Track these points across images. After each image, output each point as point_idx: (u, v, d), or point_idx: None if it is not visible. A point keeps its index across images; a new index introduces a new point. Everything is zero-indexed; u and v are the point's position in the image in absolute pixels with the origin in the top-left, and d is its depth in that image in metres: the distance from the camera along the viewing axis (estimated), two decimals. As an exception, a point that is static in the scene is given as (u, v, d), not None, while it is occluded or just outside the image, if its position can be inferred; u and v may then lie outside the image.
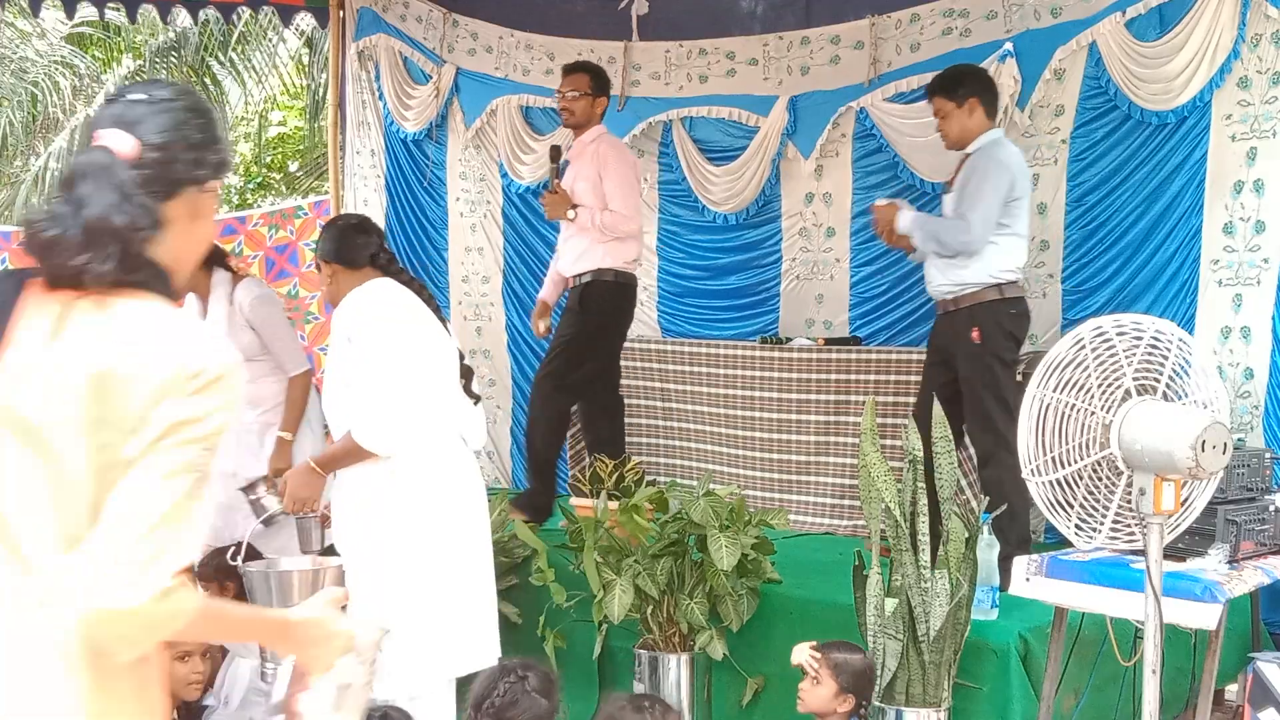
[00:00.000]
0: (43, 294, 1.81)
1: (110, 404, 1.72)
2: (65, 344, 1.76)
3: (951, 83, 4.85)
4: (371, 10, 7.91)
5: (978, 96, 4.79)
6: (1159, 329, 3.07)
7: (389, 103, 7.88)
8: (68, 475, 1.73)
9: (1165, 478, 2.95)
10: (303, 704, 1.95)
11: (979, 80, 4.91)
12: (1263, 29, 4.97)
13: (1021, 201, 4.77)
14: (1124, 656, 3.70)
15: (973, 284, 4.72)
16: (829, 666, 3.59)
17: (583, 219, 5.65)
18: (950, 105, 4.81)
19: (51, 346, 1.77)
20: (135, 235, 1.79)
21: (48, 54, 15.01)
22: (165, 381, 1.73)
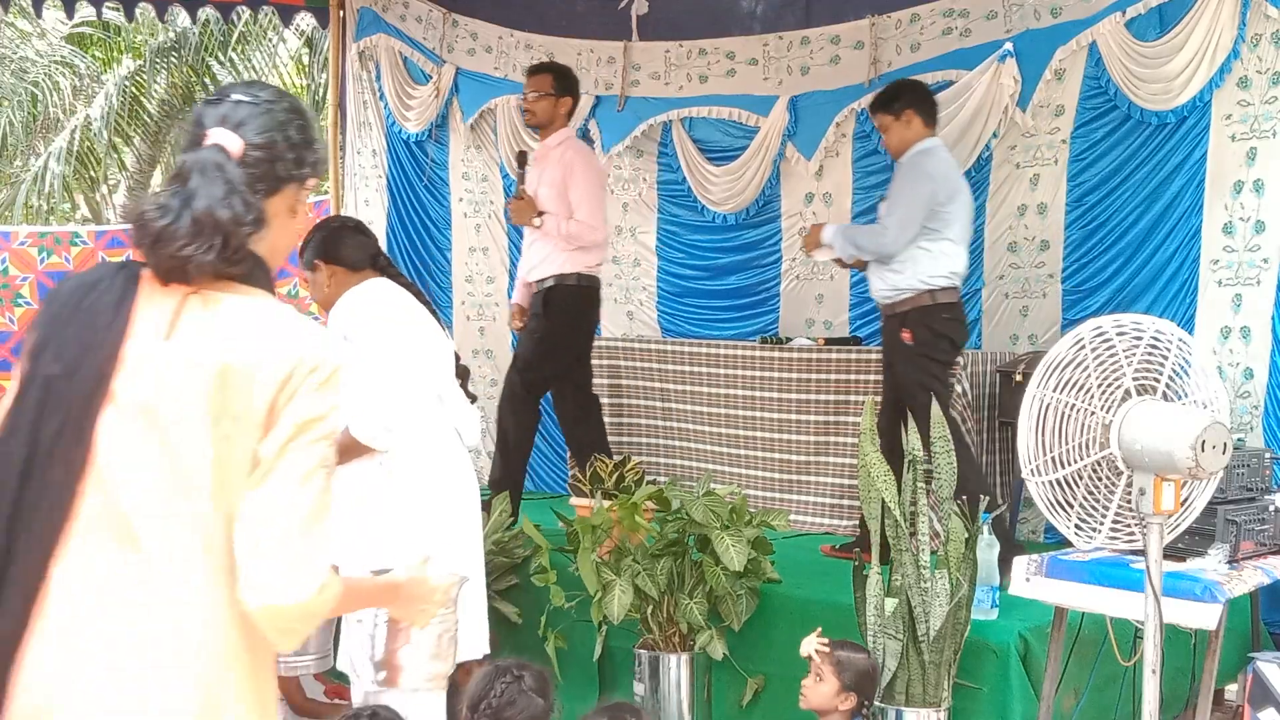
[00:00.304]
0: (156, 287, 1.87)
1: (231, 397, 1.80)
2: (183, 337, 1.83)
3: (888, 98, 5.03)
4: (372, 10, 7.91)
5: (914, 108, 4.94)
6: (1159, 329, 3.07)
7: (390, 103, 7.89)
8: (185, 464, 1.80)
9: (1165, 478, 2.95)
10: (403, 656, 2.07)
11: (915, 93, 5.06)
12: (1263, 29, 4.97)
13: (951, 208, 4.86)
14: (1124, 656, 3.70)
15: (906, 289, 4.86)
16: (832, 664, 3.59)
17: (549, 226, 5.57)
18: (889, 119, 4.98)
19: (169, 340, 1.83)
20: (239, 229, 1.86)
21: (48, 54, 15.01)
22: (286, 376, 1.81)
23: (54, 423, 1.80)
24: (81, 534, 1.80)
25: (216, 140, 1.89)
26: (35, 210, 14.42)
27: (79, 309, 1.84)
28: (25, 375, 1.83)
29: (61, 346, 1.82)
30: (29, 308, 7.79)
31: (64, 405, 1.80)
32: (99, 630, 1.78)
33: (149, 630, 1.79)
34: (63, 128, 14.51)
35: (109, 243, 8.01)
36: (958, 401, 5.23)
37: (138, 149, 15.35)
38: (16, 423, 1.81)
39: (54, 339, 1.83)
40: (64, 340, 1.83)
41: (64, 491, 1.79)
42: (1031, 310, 5.83)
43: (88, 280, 1.89)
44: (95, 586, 1.79)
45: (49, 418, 1.80)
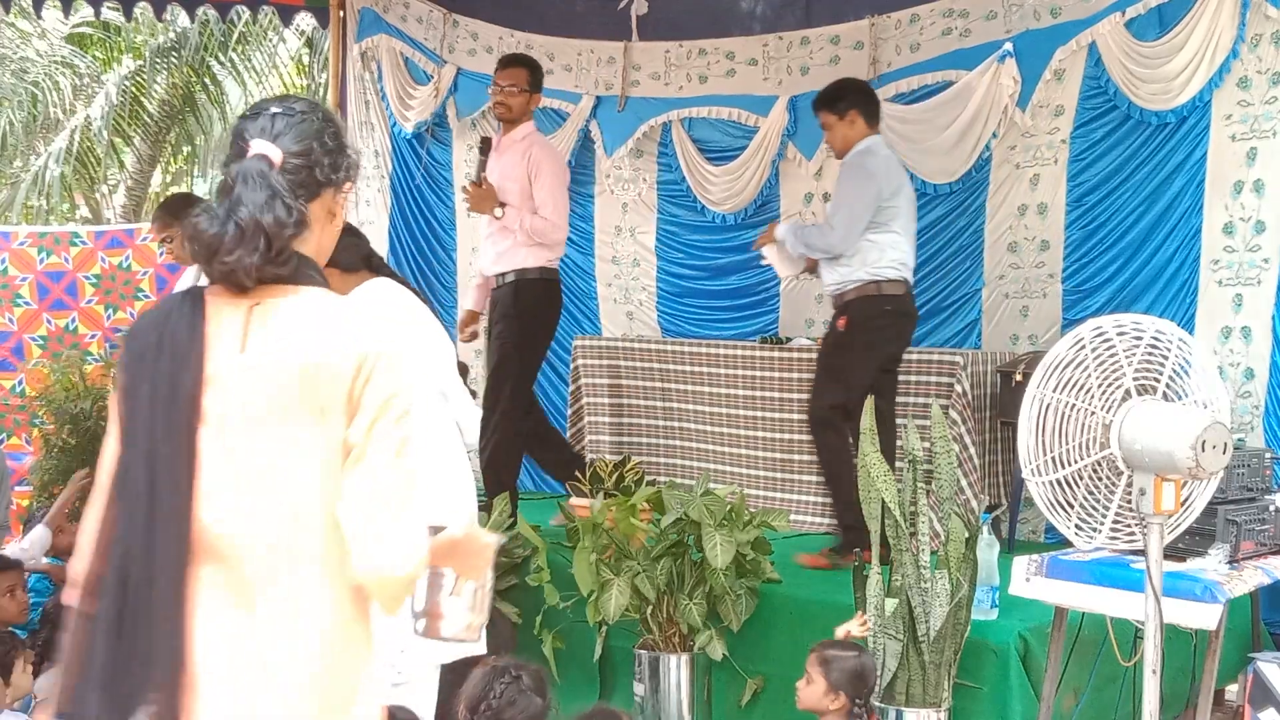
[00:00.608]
0: (220, 305, 1.99)
1: (316, 392, 1.94)
2: (256, 347, 1.96)
3: (833, 97, 5.12)
4: (373, 11, 7.92)
5: (857, 108, 5.05)
6: (1159, 329, 3.07)
7: (391, 103, 7.89)
8: (288, 464, 1.94)
9: (1165, 478, 2.95)
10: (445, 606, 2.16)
11: (859, 93, 5.17)
12: (1263, 29, 4.97)
13: (895, 203, 4.98)
14: (1124, 656, 3.70)
15: (853, 280, 4.98)
16: (818, 664, 3.59)
17: (509, 219, 5.51)
18: (833, 118, 5.08)
19: (244, 352, 1.96)
20: (282, 231, 1.97)
21: (48, 54, 15.00)
22: (359, 363, 1.95)
23: (160, 452, 1.93)
24: (205, 548, 1.93)
25: (258, 150, 2.01)
26: (35, 210, 14.42)
27: (161, 343, 1.96)
28: (127, 413, 1.96)
29: (155, 381, 1.95)
30: (28, 307, 7.80)
31: (170, 434, 1.93)
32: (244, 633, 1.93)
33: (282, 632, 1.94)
34: (63, 128, 14.51)
35: (109, 243, 8.01)
36: (958, 401, 5.23)
37: (138, 149, 15.34)
38: (132, 459, 1.94)
39: (145, 375, 1.96)
40: (156, 374, 1.95)
41: (184, 515, 1.92)
42: (1031, 310, 5.83)
43: (161, 313, 2.01)
44: (226, 590, 1.93)
45: (160, 447, 1.93)
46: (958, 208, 6.09)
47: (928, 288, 6.20)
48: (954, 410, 5.21)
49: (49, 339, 7.79)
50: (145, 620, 1.89)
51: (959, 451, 5.03)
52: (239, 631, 1.93)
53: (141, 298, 7.93)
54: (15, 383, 7.76)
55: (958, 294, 6.10)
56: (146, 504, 1.91)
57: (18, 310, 7.82)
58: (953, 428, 5.12)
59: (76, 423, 6.72)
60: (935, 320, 6.16)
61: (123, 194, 16.04)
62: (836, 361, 5.05)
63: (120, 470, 1.95)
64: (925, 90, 6.17)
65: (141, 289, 7.93)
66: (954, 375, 5.26)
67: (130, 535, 1.91)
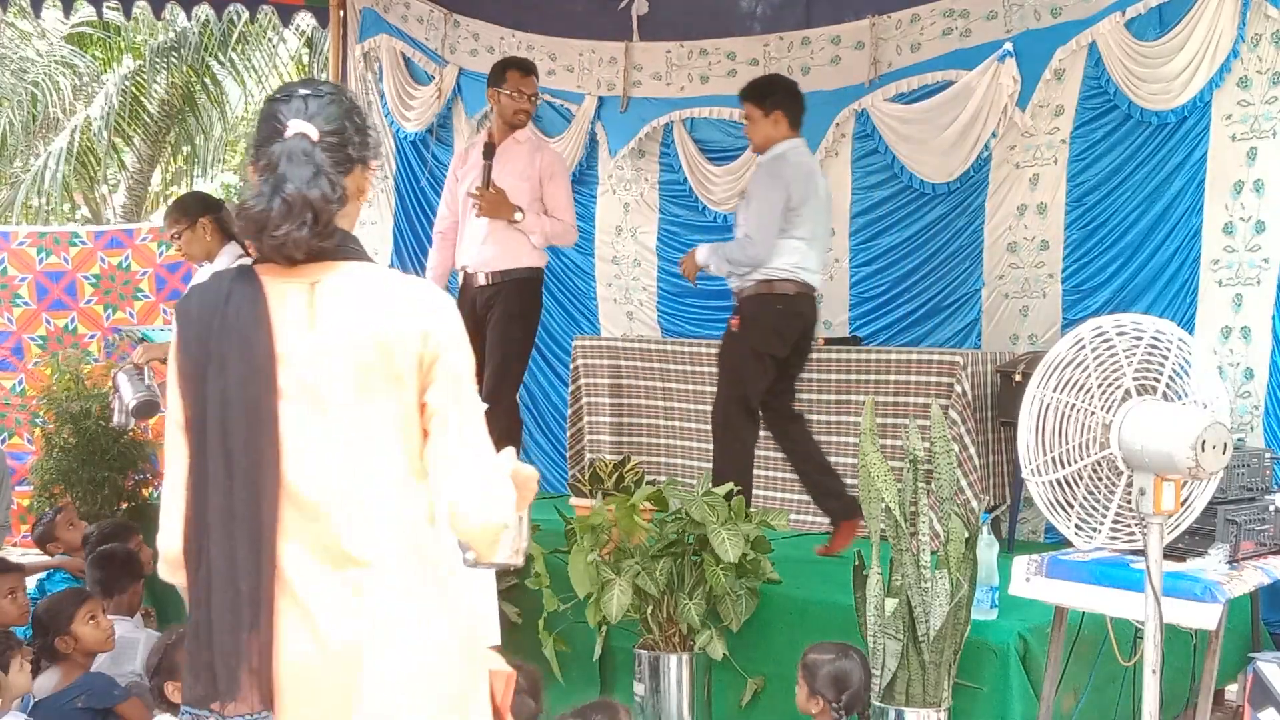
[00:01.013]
0: (277, 283, 2.07)
1: (391, 362, 2.04)
2: (327, 323, 2.05)
3: (762, 92, 5.19)
4: (373, 11, 7.92)
5: (783, 109, 5.11)
6: (1159, 329, 3.07)
7: (389, 103, 7.89)
8: (369, 433, 2.05)
9: (1165, 478, 2.95)
10: None
11: (789, 94, 5.21)
12: (1263, 29, 4.98)
13: (803, 210, 5.04)
14: (1124, 656, 3.70)
15: (749, 280, 5.09)
16: (801, 669, 3.61)
17: (529, 224, 5.54)
18: (758, 112, 5.14)
19: (314, 329, 2.05)
20: (328, 206, 2.06)
21: (48, 54, 15.00)
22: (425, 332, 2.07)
23: (240, 431, 2.01)
24: (292, 519, 2.02)
25: (298, 129, 2.08)
26: (35, 210, 14.42)
27: (224, 324, 2.03)
28: (195, 396, 2.03)
29: (223, 362, 2.02)
30: (27, 307, 7.80)
31: (245, 413, 2.01)
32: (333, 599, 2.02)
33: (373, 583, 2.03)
34: (63, 128, 14.50)
35: (108, 243, 8.01)
36: (958, 401, 5.23)
37: (138, 149, 15.34)
38: (203, 441, 2.02)
39: (212, 357, 2.03)
40: (223, 356, 2.02)
41: (268, 490, 2.01)
42: (1031, 310, 5.83)
43: (216, 295, 2.07)
44: (316, 560, 2.02)
45: (234, 429, 2.01)
46: (957, 207, 6.09)
47: (928, 288, 6.21)
48: (954, 410, 5.21)
49: (48, 339, 7.79)
50: (238, 585, 1.99)
51: (959, 451, 5.03)
52: (330, 588, 2.02)
53: (141, 298, 7.93)
54: (15, 382, 7.76)
55: (957, 294, 6.10)
56: (227, 477, 1.99)
57: (17, 310, 7.82)
58: (953, 428, 5.12)
59: (76, 422, 6.72)
60: (935, 320, 6.17)
61: (123, 194, 16.03)
62: (731, 360, 5.18)
63: (199, 450, 2.02)
64: (925, 90, 6.17)
65: (141, 289, 7.93)
66: (954, 375, 5.26)
67: (218, 508, 2.00)
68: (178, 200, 5.61)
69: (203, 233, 5.20)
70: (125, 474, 6.79)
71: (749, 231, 5.08)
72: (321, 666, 2.03)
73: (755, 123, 5.15)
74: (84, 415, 6.69)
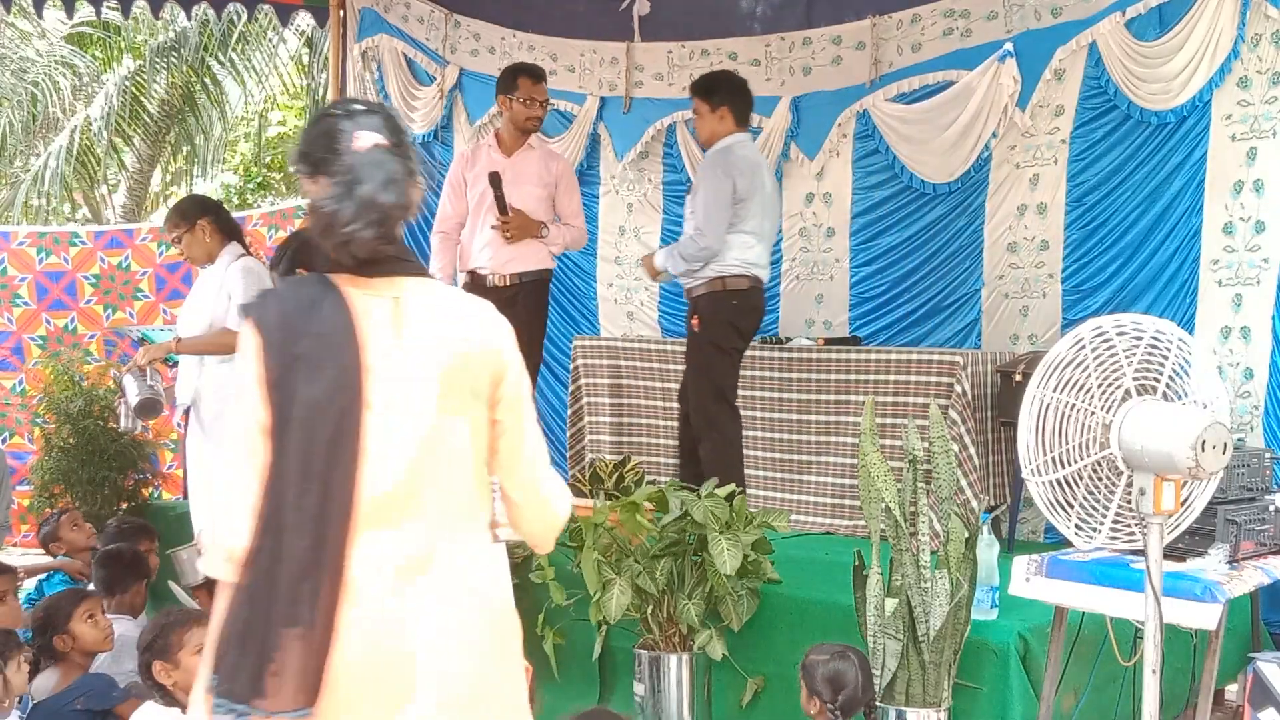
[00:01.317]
0: (358, 294, 2.14)
1: (470, 376, 2.18)
2: (413, 335, 2.15)
3: (709, 88, 5.30)
4: (373, 11, 7.91)
5: (729, 105, 5.24)
6: (1159, 329, 3.07)
7: (395, 104, 7.88)
8: (449, 443, 2.16)
9: (1165, 478, 2.95)
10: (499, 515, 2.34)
11: (736, 91, 5.32)
12: (1263, 29, 4.98)
13: (749, 203, 5.15)
14: (1124, 656, 3.70)
15: (701, 278, 5.22)
16: (801, 669, 3.61)
17: (554, 237, 5.68)
18: (705, 107, 5.26)
19: (401, 338, 2.14)
20: (396, 212, 2.16)
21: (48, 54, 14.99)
22: (500, 351, 2.22)
23: (323, 438, 2.07)
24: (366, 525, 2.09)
25: (371, 141, 2.16)
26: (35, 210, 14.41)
27: (312, 332, 2.10)
28: (281, 401, 2.08)
29: (311, 370, 2.08)
30: (27, 307, 7.80)
31: (331, 421, 2.07)
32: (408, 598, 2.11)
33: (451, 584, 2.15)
34: (63, 128, 14.50)
35: (108, 243, 8.01)
36: (958, 401, 5.23)
37: (138, 149, 15.34)
38: (285, 444, 2.07)
39: (300, 362, 2.08)
40: (313, 363, 2.08)
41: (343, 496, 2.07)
42: (1031, 310, 5.83)
43: (299, 301, 2.13)
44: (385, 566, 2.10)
45: (318, 435, 2.07)
46: (957, 207, 6.09)
47: (928, 288, 6.21)
48: (954, 410, 5.21)
49: (48, 339, 7.79)
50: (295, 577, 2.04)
51: (959, 451, 5.03)
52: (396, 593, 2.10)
53: (140, 298, 7.93)
54: (16, 382, 7.76)
55: (957, 294, 6.11)
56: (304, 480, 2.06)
57: (17, 310, 7.82)
58: (953, 428, 5.13)
59: (76, 423, 6.71)
60: (935, 320, 6.17)
61: (123, 194, 16.03)
62: (699, 360, 5.30)
63: (279, 453, 2.07)
64: (926, 90, 6.18)
65: (141, 289, 7.94)
66: (954, 375, 5.26)
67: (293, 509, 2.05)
68: (176, 204, 5.65)
69: (202, 234, 5.22)
70: (125, 474, 6.79)
71: (699, 224, 5.17)
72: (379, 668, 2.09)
73: (702, 118, 5.28)
74: (83, 415, 6.69)
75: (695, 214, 5.21)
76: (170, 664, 3.76)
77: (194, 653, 3.81)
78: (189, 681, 3.79)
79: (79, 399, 6.74)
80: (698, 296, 5.25)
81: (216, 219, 5.28)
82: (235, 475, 2.11)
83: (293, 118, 16.98)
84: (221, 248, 5.24)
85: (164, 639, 3.77)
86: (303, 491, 2.06)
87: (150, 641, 3.79)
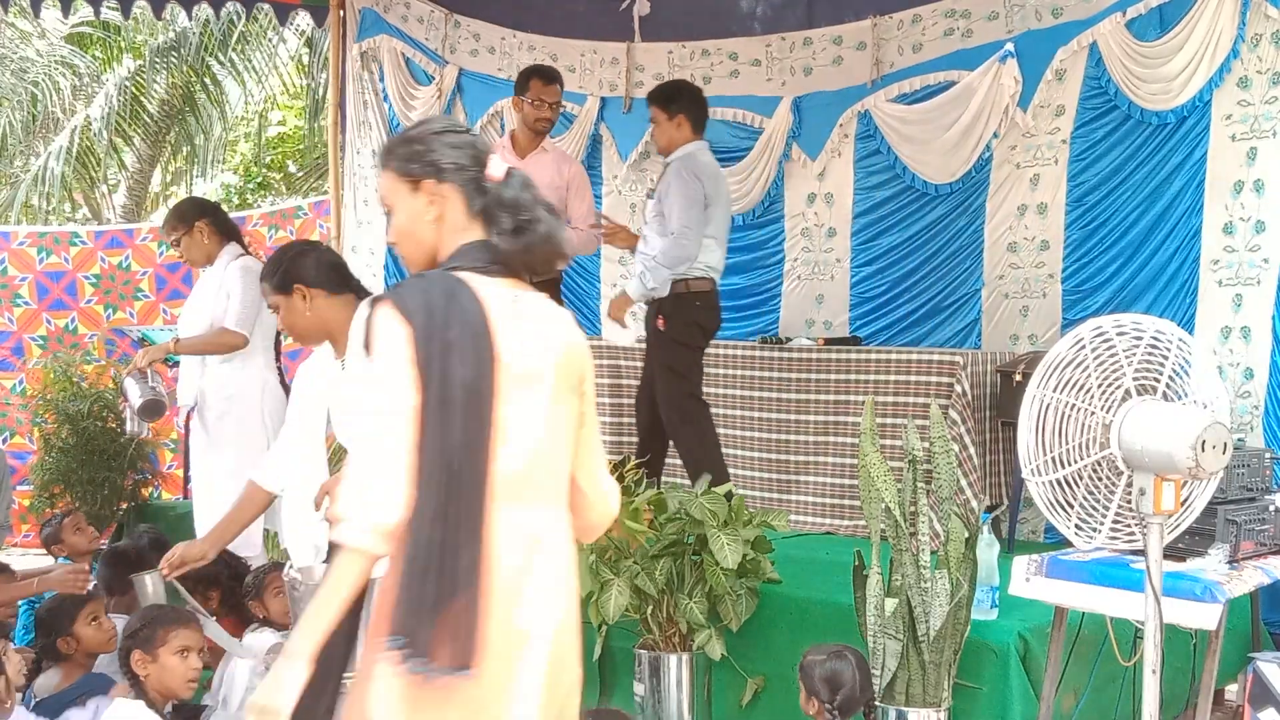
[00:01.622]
0: (487, 288, 2.34)
1: (571, 373, 2.42)
2: (533, 331, 2.37)
3: (668, 96, 5.41)
4: (373, 11, 7.91)
5: (686, 114, 5.36)
6: (1159, 329, 3.07)
7: (394, 104, 7.88)
8: (558, 428, 2.40)
9: (1165, 478, 2.95)
10: None
11: (694, 100, 5.44)
12: (1263, 29, 4.98)
13: (713, 208, 5.30)
14: (1124, 656, 3.70)
15: None
16: (799, 670, 3.62)
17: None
18: (663, 116, 5.38)
19: (523, 335, 2.35)
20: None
21: (48, 54, 14.99)
22: (586, 352, 2.48)
23: (475, 415, 2.26)
24: (504, 499, 2.29)
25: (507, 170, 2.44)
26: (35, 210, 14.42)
27: (456, 319, 2.27)
28: (435, 384, 2.23)
29: (462, 354, 2.26)
30: (28, 307, 7.80)
31: (476, 400, 2.26)
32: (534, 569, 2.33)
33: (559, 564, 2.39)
34: (63, 128, 14.50)
35: (108, 243, 8.01)
36: (958, 401, 5.24)
37: (138, 149, 15.34)
38: (444, 423, 2.24)
39: (451, 349, 2.25)
40: (460, 349, 2.26)
41: (488, 470, 2.26)
42: (1031, 310, 5.83)
43: (439, 293, 2.30)
44: (520, 540, 2.31)
45: (470, 412, 2.25)
46: (958, 208, 6.10)
47: (928, 288, 6.21)
48: (954, 410, 5.21)
49: (49, 339, 7.79)
50: (453, 548, 2.22)
51: (959, 451, 5.03)
52: (535, 565, 2.33)
53: (141, 297, 7.93)
54: (16, 382, 7.75)
55: (957, 294, 6.11)
56: (460, 457, 2.24)
57: (17, 310, 7.82)
58: (953, 428, 5.13)
59: (75, 423, 6.71)
60: (935, 320, 6.17)
61: (123, 194, 16.03)
62: (666, 358, 5.41)
63: (435, 431, 2.23)
64: (927, 90, 6.18)
65: (141, 289, 7.94)
66: (954, 375, 5.27)
67: (448, 484, 2.23)
68: (174, 207, 5.65)
69: (200, 236, 5.22)
70: (125, 474, 6.79)
71: (676, 229, 5.25)
72: (509, 638, 2.29)
73: (660, 125, 5.40)
74: (82, 415, 6.69)
75: (669, 219, 5.29)
76: (149, 656, 3.77)
77: (175, 652, 3.81)
78: (164, 679, 3.80)
79: (79, 400, 6.74)
80: (661, 299, 5.36)
81: (214, 220, 5.28)
82: (380, 453, 2.22)
83: (293, 118, 16.98)
84: (220, 249, 5.24)
85: (150, 630, 3.78)
86: (459, 468, 2.23)
87: (136, 630, 3.81)
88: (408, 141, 2.45)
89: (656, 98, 5.45)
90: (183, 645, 3.84)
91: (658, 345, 5.48)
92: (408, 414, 2.22)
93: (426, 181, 2.40)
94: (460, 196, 2.40)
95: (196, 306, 5.26)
